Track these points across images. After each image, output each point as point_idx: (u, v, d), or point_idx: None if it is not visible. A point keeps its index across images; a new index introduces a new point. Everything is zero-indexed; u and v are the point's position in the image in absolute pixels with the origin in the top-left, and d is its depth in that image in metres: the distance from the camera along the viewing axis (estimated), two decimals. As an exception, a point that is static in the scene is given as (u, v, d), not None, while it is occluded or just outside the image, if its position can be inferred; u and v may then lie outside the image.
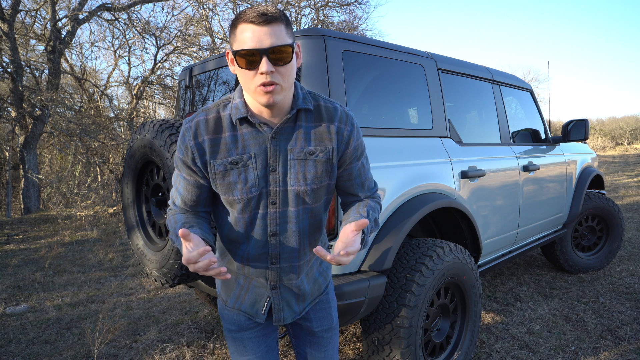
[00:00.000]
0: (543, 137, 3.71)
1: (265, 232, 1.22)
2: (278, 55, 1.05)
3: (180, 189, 1.25)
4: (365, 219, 1.08)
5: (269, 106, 1.12)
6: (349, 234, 1.07)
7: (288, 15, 14.20)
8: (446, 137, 2.57)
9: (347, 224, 1.14)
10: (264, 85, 1.06)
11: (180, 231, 1.00)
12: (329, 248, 1.43)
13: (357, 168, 1.28)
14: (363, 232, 1.15)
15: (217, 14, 13.74)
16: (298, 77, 2.00)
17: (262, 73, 1.05)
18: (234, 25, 1.08)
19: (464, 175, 2.54)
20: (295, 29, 4.04)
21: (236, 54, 1.06)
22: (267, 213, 1.20)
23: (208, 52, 12.60)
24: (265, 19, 1.03)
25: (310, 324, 1.38)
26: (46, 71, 10.25)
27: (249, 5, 12.46)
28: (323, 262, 1.37)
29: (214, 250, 1.23)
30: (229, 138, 1.17)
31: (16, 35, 9.04)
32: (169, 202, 1.31)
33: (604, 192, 4.36)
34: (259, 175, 1.17)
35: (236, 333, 1.35)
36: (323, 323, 1.39)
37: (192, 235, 1.04)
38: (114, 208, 8.62)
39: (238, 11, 13.17)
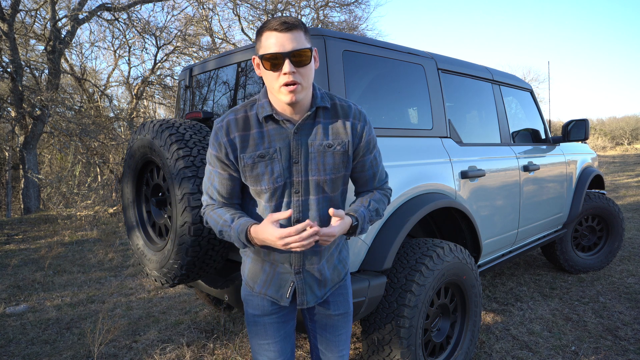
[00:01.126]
0: (543, 137, 3.71)
1: (289, 219, 1.33)
2: (298, 58, 1.20)
3: (215, 183, 1.37)
4: (341, 210, 1.27)
5: (292, 104, 1.26)
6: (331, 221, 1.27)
7: (288, 15, 14.22)
8: (446, 137, 2.57)
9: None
10: (287, 85, 1.20)
11: (304, 223, 1.19)
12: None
13: (370, 160, 1.41)
14: (357, 219, 1.33)
15: (217, 14, 13.74)
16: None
17: (285, 73, 1.20)
18: (259, 33, 1.24)
19: (464, 175, 2.54)
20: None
21: (262, 58, 1.22)
22: (291, 201, 1.33)
23: (208, 52, 12.60)
24: (287, 26, 1.19)
25: (328, 307, 1.48)
26: (46, 71, 10.24)
27: (248, 5, 12.48)
28: (342, 251, 1.49)
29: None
30: (257, 134, 1.31)
31: (16, 35, 9.04)
32: (204, 199, 1.42)
33: (604, 192, 4.36)
34: (283, 166, 1.30)
35: (259, 317, 1.45)
36: (340, 307, 1.50)
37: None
38: (114, 208, 8.61)
39: (238, 11, 13.22)
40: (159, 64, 12.32)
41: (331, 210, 1.25)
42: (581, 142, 4.30)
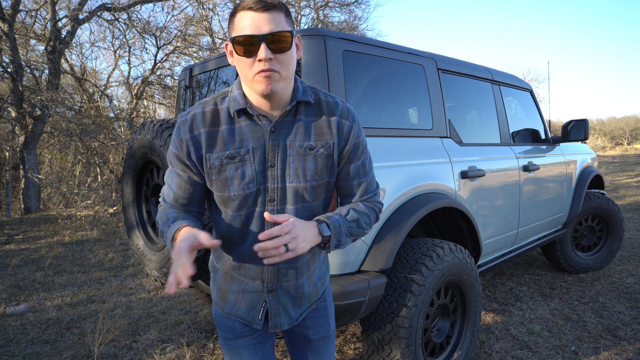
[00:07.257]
0: (543, 137, 3.71)
1: (262, 230, 1.17)
2: (277, 43, 1.03)
3: (172, 185, 1.20)
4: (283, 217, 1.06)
5: (268, 96, 1.08)
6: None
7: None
8: (446, 137, 2.57)
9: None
10: (262, 71, 1.03)
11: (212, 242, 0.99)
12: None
13: (356, 168, 1.22)
14: (328, 228, 1.11)
15: (217, 14, 13.73)
16: (297, 76, 2.00)
17: (260, 60, 1.02)
18: (232, 14, 1.07)
19: (464, 175, 2.54)
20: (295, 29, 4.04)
21: (234, 41, 1.04)
22: (264, 211, 1.15)
23: (208, 52, 12.60)
24: (264, 5, 1.02)
25: (307, 332, 1.34)
26: (46, 71, 10.26)
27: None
28: (322, 266, 1.34)
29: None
30: (226, 131, 1.12)
31: (16, 35, 9.04)
32: (160, 199, 1.26)
33: (604, 192, 4.36)
34: (256, 170, 1.12)
35: (232, 341, 1.31)
36: (320, 331, 1.35)
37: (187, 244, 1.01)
38: (114, 208, 8.62)
39: (238, 11, 13.16)
40: (159, 64, 12.33)
41: (266, 214, 1.05)
42: (581, 142, 4.30)
